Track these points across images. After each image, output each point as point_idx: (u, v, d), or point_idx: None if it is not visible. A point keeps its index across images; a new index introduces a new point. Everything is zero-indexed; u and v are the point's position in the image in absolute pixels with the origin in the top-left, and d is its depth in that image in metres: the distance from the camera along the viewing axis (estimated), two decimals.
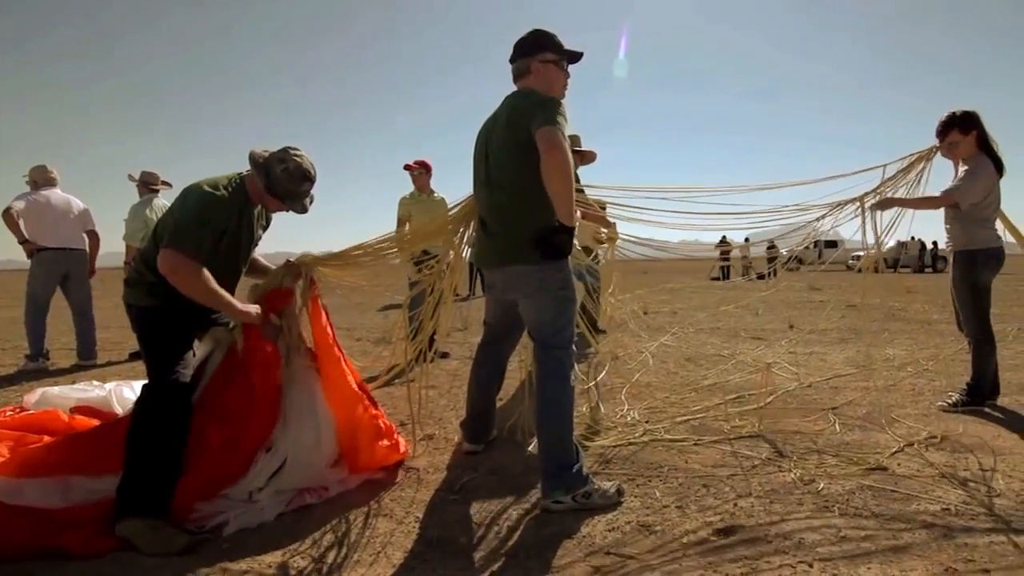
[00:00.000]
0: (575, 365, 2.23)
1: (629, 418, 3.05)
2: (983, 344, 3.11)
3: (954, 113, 3.07)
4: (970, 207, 3.00)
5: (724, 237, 16.25)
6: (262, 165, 2.17)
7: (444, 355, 4.77)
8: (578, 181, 3.42)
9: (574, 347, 2.24)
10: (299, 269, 2.44)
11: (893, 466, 2.40)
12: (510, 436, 2.81)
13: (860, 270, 3.65)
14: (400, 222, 4.87)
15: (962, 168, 3.12)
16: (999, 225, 3.14)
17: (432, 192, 4.97)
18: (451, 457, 2.64)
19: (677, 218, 3.09)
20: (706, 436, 2.78)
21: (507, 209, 2.18)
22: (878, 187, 3.23)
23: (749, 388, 3.65)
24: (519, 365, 3.02)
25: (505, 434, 2.82)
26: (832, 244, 23.47)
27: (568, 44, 2.26)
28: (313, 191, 2.34)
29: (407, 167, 4.98)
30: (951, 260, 3.20)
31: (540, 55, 2.23)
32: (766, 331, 6.22)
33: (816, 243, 24.35)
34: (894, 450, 2.58)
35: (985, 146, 3.05)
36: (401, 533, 1.96)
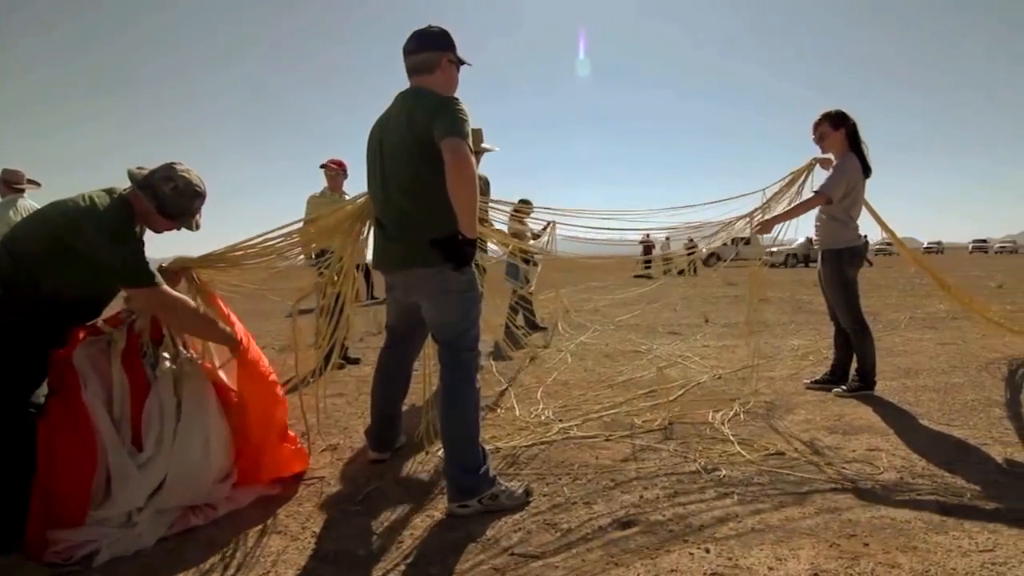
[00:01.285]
0: (481, 367, 2.24)
1: (543, 417, 3.09)
2: (859, 333, 3.42)
3: (830, 110, 3.41)
4: (838, 207, 3.33)
5: (647, 235, 16.90)
6: (148, 186, 2.05)
7: (355, 361, 4.65)
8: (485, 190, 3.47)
9: (480, 348, 2.25)
10: (178, 275, 2.31)
11: (790, 451, 2.59)
12: (419, 442, 2.77)
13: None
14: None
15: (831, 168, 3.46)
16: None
17: (344, 194, 4.84)
18: (355, 467, 2.57)
19: (586, 232, 3.26)
20: (617, 431, 2.87)
21: (406, 212, 2.14)
22: (765, 203, 3.56)
23: (662, 382, 3.81)
24: (424, 368, 2.99)
25: (415, 440, 2.78)
26: (747, 241, 25.17)
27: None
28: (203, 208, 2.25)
29: (324, 166, 4.84)
30: (820, 257, 3.52)
31: (449, 53, 2.21)
32: (682, 326, 6.53)
33: (733, 240, 25.99)
34: (792, 435, 2.79)
35: (855, 146, 3.39)
36: (295, 550, 1.89)
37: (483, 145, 3.68)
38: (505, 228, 3.78)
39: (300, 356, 2.78)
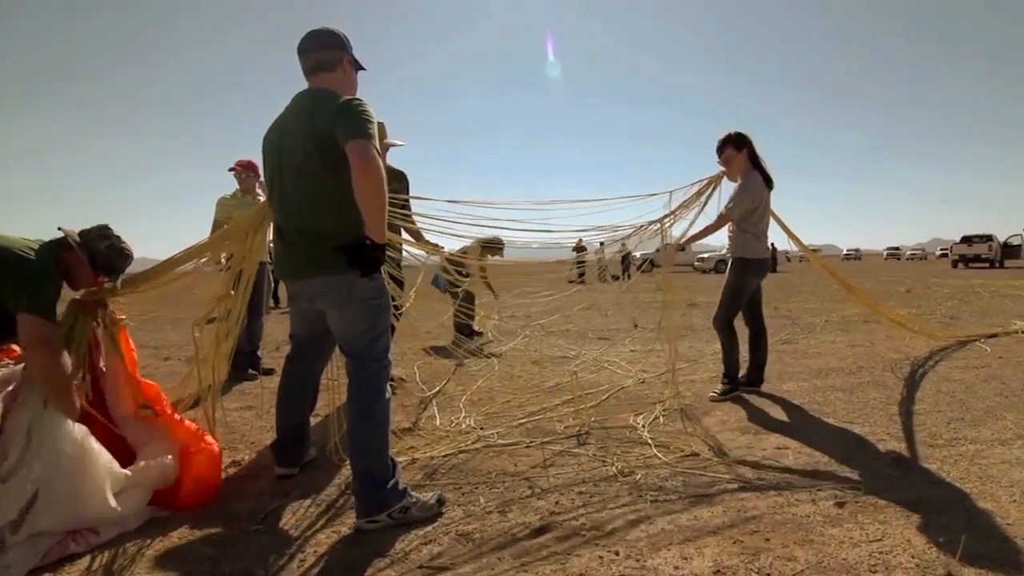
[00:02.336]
0: (393, 378, 2.22)
1: (464, 425, 3.09)
2: (727, 337, 3.69)
3: (729, 133, 3.66)
4: (745, 220, 3.58)
5: (580, 240, 17.31)
6: (83, 243, 2.20)
7: (268, 372, 4.48)
8: (390, 173, 3.43)
9: (390, 357, 2.22)
10: (94, 306, 2.28)
11: (704, 452, 2.71)
12: (330, 456, 2.70)
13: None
14: (217, 224, 4.49)
15: (736, 186, 3.70)
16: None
17: (258, 195, 4.67)
18: (260, 483, 2.47)
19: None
20: (538, 438, 2.91)
21: (307, 217, 2.09)
22: (675, 210, 3.79)
23: (588, 388, 3.90)
24: (332, 378, 2.93)
25: (326, 454, 2.70)
26: (680, 248, 26.23)
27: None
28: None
29: (231, 169, 4.66)
30: (729, 264, 3.75)
31: (350, 54, 2.20)
32: (612, 331, 6.71)
33: (666, 246, 27.02)
34: (707, 436, 2.92)
35: (755, 163, 3.66)
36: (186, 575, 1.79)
37: (387, 140, 3.65)
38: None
39: (205, 368, 2.65)
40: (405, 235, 3.58)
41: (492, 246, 6.10)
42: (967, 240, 28.26)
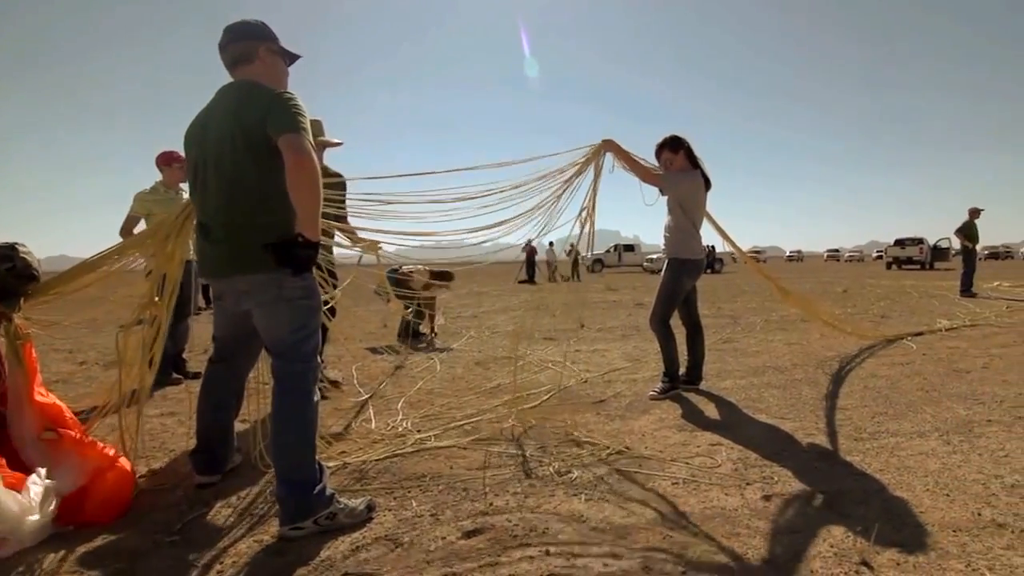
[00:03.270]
0: (323, 379, 2.17)
1: (401, 428, 3.06)
2: (664, 336, 3.81)
3: (665, 137, 3.80)
4: (684, 218, 3.69)
5: (529, 240, 17.43)
6: None
7: (195, 376, 4.30)
8: (327, 174, 3.39)
9: (320, 359, 2.18)
10: None
11: (641, 449, 2.78)
12: (255, 462, 2.62)
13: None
14: (131, 220, 4.29)
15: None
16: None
17: (180, 191, 4.48)
18: (178, 493, 2.37)
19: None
20: (477, 439, 2.91)
21: (235, 213, 2.03)
22: (588, 201, 3.60)
23: (531, 388, 3.93)
24: (258, 379, 2.86)
25: (252, 461, 2.62)
26: (630, 248, 26.91)
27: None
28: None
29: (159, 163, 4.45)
30: (665, 264, 3.86)
31: (269, 43, 2.16)
32: (559, 331, 6.78)
33: (616, 247, 27.76)
34: (644, 434, 2.99)
35: (694, 163, 3.80)
36: None
37: (324, 139, 3.58)
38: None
39: (127, 375, 2.53)
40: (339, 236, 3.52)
41: (440, 279, 6.09)
42: (900, 243, 30.11)
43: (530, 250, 17.47)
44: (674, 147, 3.78)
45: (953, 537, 1.90)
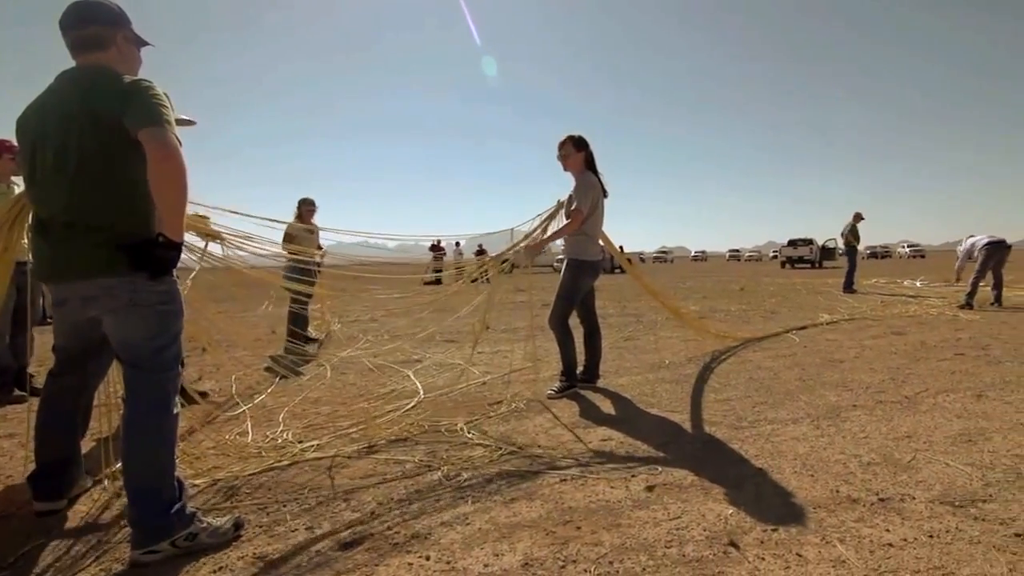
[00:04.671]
0: (179, 390, 2.05)
1: (280, 440, 2.95)
2: (562, 335, 3.95)
3: (574, 135, 3.97)
4: (586, 224, 3.86)
5: (438, 241, 17.42)
6: None
7: (36, 392, 3.92)
8: None
9: (181, 368, 2.06)
10: None
11: (533, 448, 2.85)
12: (106, 485, 2.43)
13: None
14: None
15: (572, 191, 3.97)
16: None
17: (13, 184, 4.08)
18: (14, 523, 2.16)
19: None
20: (364, 447, 2.86)
21: (81, 210, 1.88)
22: (518, 243, 4.09)
23: (427, 391, 3.91)
24: (107, 391, 2.67)
25: (102, 483, 2.43)
26: (537, 252, 27.49)
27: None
28: None
29: None
30: (564, 265, 4.01)
31: (127, 29, 2.04)
32: (462, 333, 6.80)
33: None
34: (538, 433, 3.07)
35: (591, 166, 3.99)
36: None
37: (177, 115, 3.40)
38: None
39: None
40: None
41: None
42: (792, 244, 32.87)
43: (437, 249, 17.40)
44: (578, 145, 3.94)
45: (813, 513, 2.10)
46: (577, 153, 3.94)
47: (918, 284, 13.77)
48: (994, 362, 4.65)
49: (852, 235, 12.41)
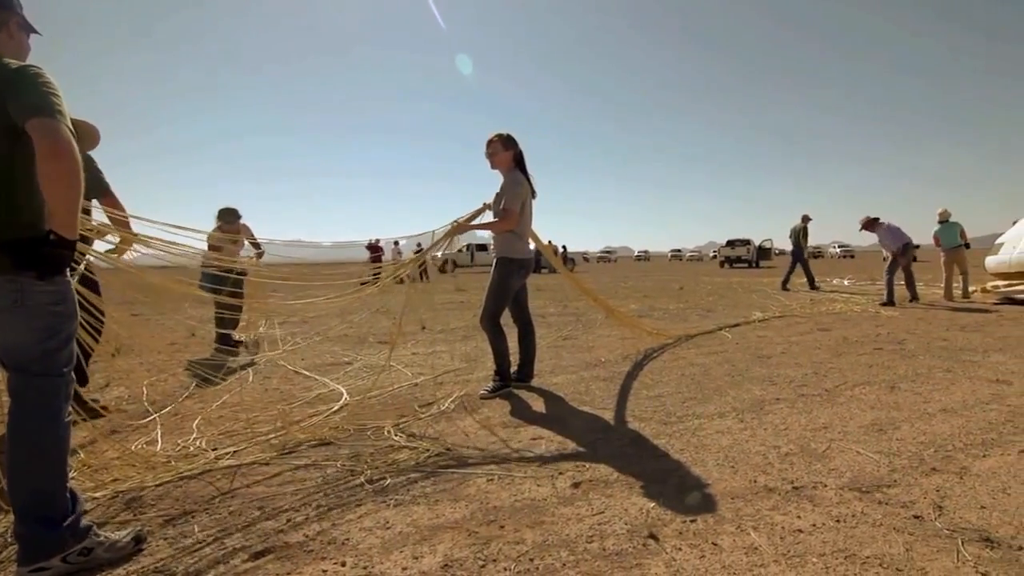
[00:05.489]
0: (72, 396, 1.95)
1: (192, 448, 2.84)
2: (494, 334, 3.99)
3: (502, 133, 4.01)
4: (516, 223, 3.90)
5: (377, 240, 17.17)
6: None
7: None
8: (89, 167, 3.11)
9: (73, 374, 1.96)
10: None
11: (462, 449, 2.85)
12: None
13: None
14: None
15: (502, 183, 4.01)
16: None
17: None
18: None
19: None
20: (283, 453, 2.79)
21: None
22: (437, 242, 4.11)
23: (355, 394, 3.85)
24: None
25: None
26: (483, 248, 27.51)
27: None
28: None
29: None
30: (493, 263, 4.05)
31: (18, 15, 1.93)
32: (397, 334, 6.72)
33: (468, 246, 28.30)
34: (468, 434, 3.07)
35: (520, 165, 4.03)
36: None
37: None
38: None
39: None
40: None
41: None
42: (731, 244, 34.18)
43: (375, 249, 17.16)
44: (506, 144, 3.98)
45: (731, 504, 2.19)
46: (505, 152, 3.97)
47: (845, 283, 14.54)
48: (908, 355, 4.97)
49: (803, 237, 13.11)
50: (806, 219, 13.24)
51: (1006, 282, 9.42)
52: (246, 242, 6.15)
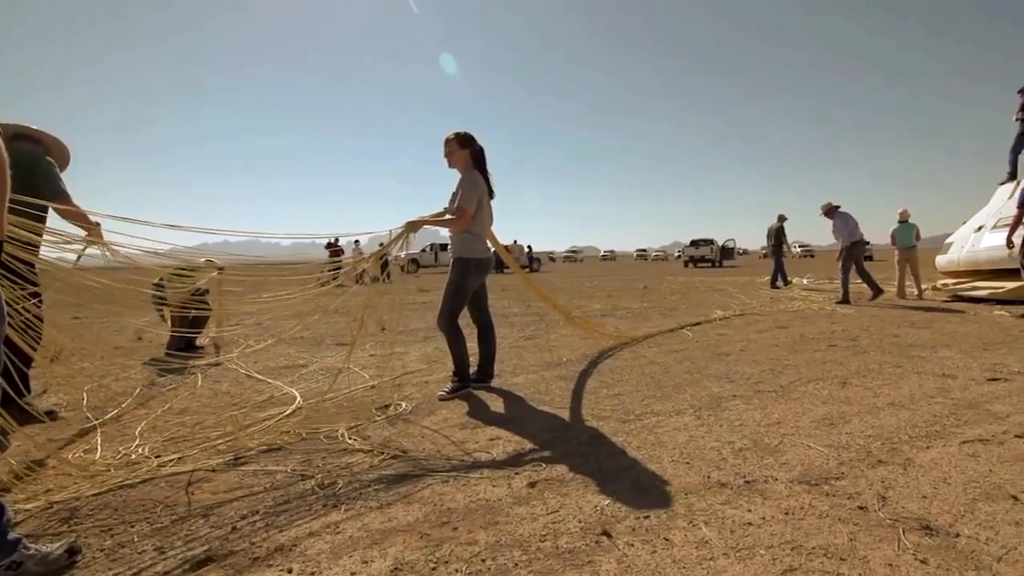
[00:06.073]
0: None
1: (134, 456, 2.76)
2: (452, 335, 3.98)
3: (459, 132, 3.99)
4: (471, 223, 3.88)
5: (336, 239, 16.92)
6: None
7: None
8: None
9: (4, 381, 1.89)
10: None
11: (418, 451, 2.83)
12: None
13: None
14: None
15: (458, 181, 3.99)
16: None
17: None
18: None
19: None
20: (232, 459, 2.73)
21: None
22: (391, 241, 3.91)
23: (310, 398, 3.80)
24: None
25: None
26: (446, 248, 27.47)
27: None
28: None
29: None
30: (451, 263, 4.04)
31: None
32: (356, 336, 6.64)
33: (432, 246, 28.19)
34: (425, 436, 3.06)
35: (479, 164, 4.02)
36: None
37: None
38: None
39: None
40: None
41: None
42: (695, 244, 34.83)
43: (335, 250, 16.94)
44: (462, 143, 3.97)
45: (684, 499, 2.23)
46: (461, 150, 3.96)
47: (805, 282, 14.95)
48: (861, 351, 5.15)
49: (780, 235, 13.53)
50: (782, 218, 13.65)
51: (955, 280, 9.84)
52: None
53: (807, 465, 2.54)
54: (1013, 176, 10.06)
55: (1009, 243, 7.30)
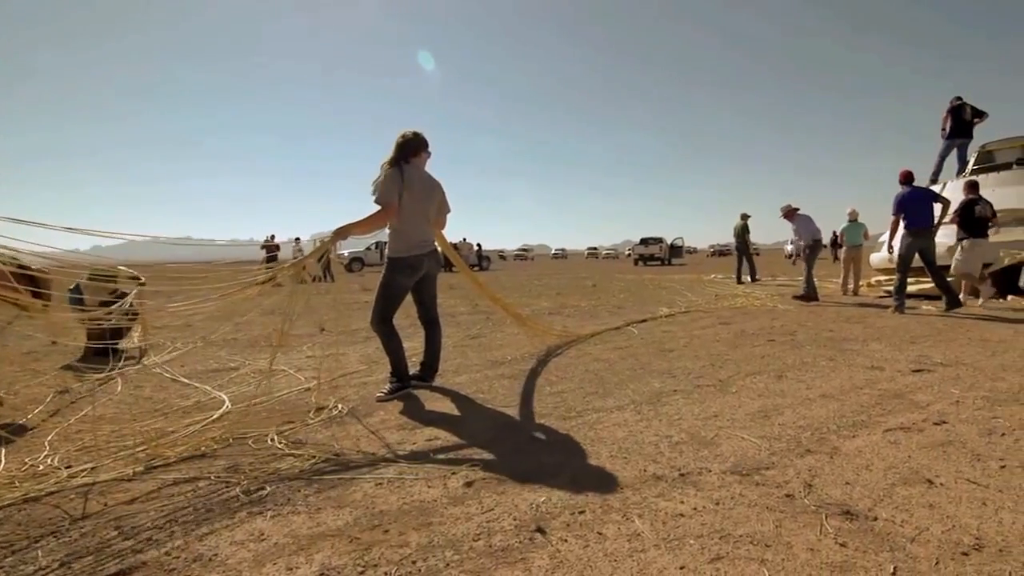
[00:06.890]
0: None
1: (42, 466, 2.62)
2: (386, 336, 3.94)
3: (405, 133, 3.91)
4: (395, 218, 3.79)
5: (273, 237, 16.51)
6: None
7: None
8: None
9: None
10: None
11: (352, 453, 2.79)
12: None
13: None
14: None
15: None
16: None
17: None
18: None
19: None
20: (150, 467, 2.63)
21: None
22: (317, 249, 3.87)
23: (238, 401, 3.69)
24: None
25: None
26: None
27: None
28: None
29: None
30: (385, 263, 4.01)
31: None
32: (292, 336, 6.49)
33: (378, 244, 27.78)
34: (360, 438, 3.02)
35: (405, 156, 3.90)
36: None
37: None
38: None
39: None
40: None
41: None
42: (644, 242, 35.55)
43: (272, 247, 16.51)
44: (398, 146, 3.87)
45: (619, 493, 2.27)
46: (416, 157, 3.91)
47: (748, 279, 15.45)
48: (797, 346, 5.36)
49: (745, 233, 13.99)
50: (745, 217, 14.15)
51: (887, 277, 10.36)
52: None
53: (740, 456, 2.62)
54: (935, 180, 10.69)
55: (890, 248, 7.73)
